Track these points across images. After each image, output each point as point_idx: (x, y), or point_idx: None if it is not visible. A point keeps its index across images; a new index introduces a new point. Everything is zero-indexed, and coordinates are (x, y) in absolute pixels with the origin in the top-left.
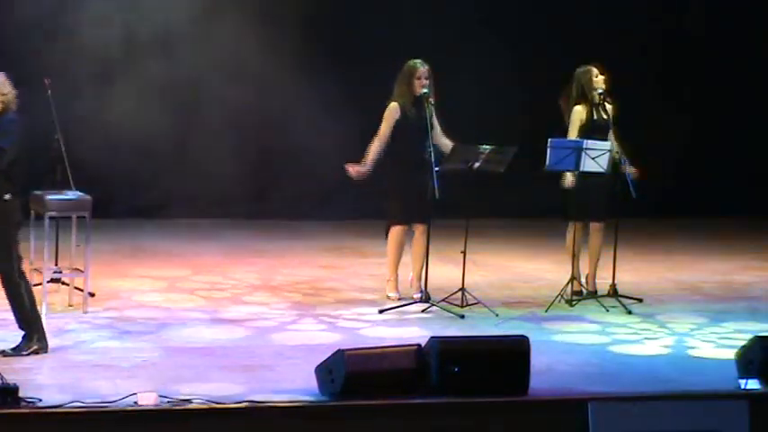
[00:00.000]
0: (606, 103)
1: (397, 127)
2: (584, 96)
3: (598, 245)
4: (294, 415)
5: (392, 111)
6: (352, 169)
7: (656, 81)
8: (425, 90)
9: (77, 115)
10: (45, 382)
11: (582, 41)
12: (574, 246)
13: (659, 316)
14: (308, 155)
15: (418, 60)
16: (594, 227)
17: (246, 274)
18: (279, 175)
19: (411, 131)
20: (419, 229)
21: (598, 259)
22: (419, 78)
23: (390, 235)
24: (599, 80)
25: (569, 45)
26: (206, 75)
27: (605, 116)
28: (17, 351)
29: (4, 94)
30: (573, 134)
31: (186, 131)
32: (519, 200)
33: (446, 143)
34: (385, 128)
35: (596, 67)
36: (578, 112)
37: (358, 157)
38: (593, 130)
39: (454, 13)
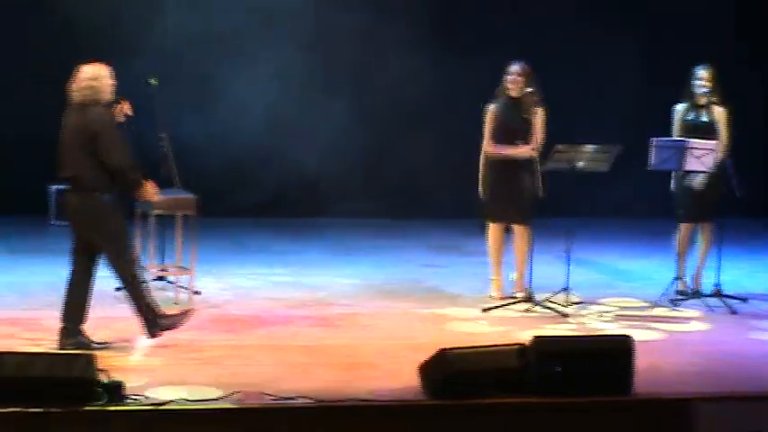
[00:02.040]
0: (714, 105)
1: (493, 127)
2: (688, 95)
3: (705, 245)
4: (396, 414)
5: (487, 112)
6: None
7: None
8: (529, 89)
9: (185, 114)
10: (149, 380)
11: (689, 40)
12: (680, 246)
13: (764, 316)
14: (412, 153)
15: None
16: (702, 227)
17: (349, 272)
18: (380, 175)
19: (500, 132)
20: (518, 230)
21: (705, 259)
22: (509, 76)
23: (487, 233)
24: (698, 82)
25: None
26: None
27: (705, 118)
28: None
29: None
30: (674, 132)
31: (285, 130)
32: (621, 198)
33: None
34: (485, 130)
35: (708, 67)
36: (677, 111)
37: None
38: (693, 130)
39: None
